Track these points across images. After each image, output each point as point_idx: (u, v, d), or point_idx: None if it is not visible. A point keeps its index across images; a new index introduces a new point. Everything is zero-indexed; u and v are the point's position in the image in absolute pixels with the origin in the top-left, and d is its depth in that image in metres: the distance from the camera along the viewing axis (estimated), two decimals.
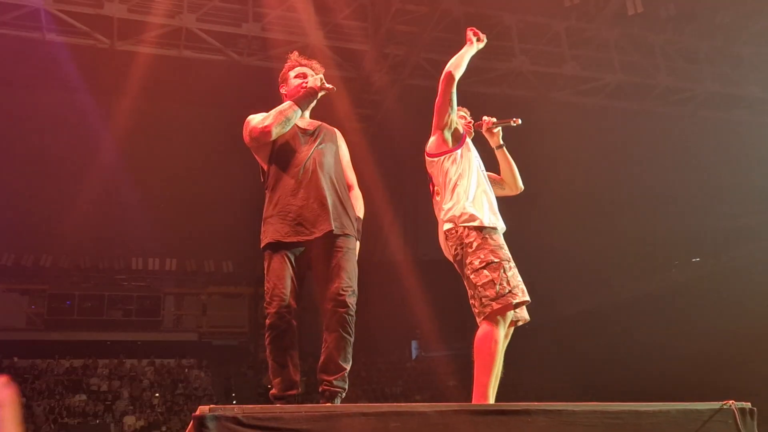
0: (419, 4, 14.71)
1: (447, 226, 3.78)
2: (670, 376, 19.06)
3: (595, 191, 20.65)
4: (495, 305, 3.50)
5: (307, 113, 3.94)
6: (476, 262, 3.60)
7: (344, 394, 3.44)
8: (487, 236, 3.67)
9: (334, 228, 3.48)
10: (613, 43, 17.34)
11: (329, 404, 3.34)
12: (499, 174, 4.31)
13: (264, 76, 16.13)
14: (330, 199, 3.56)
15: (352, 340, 3.42)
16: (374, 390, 23.64)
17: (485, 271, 3.56)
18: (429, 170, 4.00)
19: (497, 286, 3.52)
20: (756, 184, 19.06)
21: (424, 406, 2.60)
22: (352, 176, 3.92)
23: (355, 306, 3.44)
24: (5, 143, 18.58)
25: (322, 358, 3.48)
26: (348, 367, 3.43)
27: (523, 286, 3.62)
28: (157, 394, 22.52)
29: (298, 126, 3.81)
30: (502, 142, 4.25)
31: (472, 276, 3.59)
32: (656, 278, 23.37)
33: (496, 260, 3.60)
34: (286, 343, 3.46)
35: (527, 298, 3.59)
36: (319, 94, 3.85)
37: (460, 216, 3.73)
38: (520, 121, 4.18)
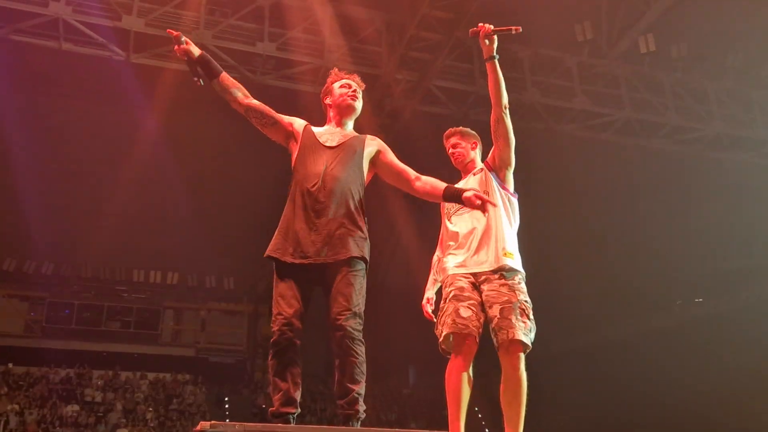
0: (434, 32, 14.85)
1: None
2: (677, 411, 18.98)
3: (600, 226, 20.63)
4: (440, 347, 3.76)
5: (349, 125, 4.00)
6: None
7: (362, 416, 3.43)
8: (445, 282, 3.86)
9: (326, 259, 3.48)
10: (624, 80, 17.46)
11: (330, 426, 3.34)
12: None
13: (277, 95, 16.29)
14: (330, 226, 3.52)
15: (358, 360, 3.40)
16: (369, 416, 23.30)
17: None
18: None
19: (437, 330, 3.76)
20: (762, 226, 19.04)
21: None
22: (406, 169, 3.90)
23: (357, 327, 3.41)
24: (16, 149, 18.68)
25: (335, 383, 3.50)
26: (357, 387, 3.41)
27: (452, 316, 3.66)
28: (150, 409, 22.37)
29: (321, 142, 3.78)
30: (495, 54, 3.85)
31: None
32: (662, 315, 23.31)
33: (443, 304, 3.77)
34: (287, 361, 3.47)
35: (455, 329, 3.63)
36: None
37: None
38: (520, 29, 3.82)
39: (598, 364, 23.23)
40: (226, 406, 23.87)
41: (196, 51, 4.06)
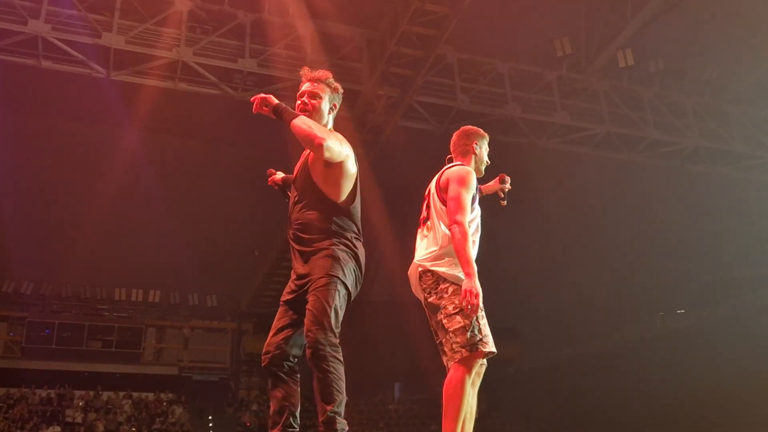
0: (414, 48, 14.92)
1: (425, 266, 3.71)
2: (655, 422, 19.03)
3: (582, 239, 20.75)
4: (465, 352, 3.47)
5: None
6: (450, 307, 3.55)
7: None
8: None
9: (298, 295, 3.57)
10: (603, 95, 17.63)
11: None
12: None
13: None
14: (306, 268, 3.58)
15: (330, 377, 3.37)
16: None
17: (458, 317, 3.51)
18: (430, 205, 3.85)
19: (468, 333, 3.48)
20: (740, 238, 19.23)
21: None
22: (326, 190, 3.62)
23: (325, 341, 3.38)
24: None
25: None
26: (331, 406, 3.38)
27: (488, 332, 3.56)
28: (133, 429, 22.10)
29: (293, 178, 3.81)
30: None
31: (444, 320, 3.54)
32: (642, 327, 23.43)
33: (482, 312, 3.55)
34: (272, 385, 3.60)
35: (495, 350, 3.53)
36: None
37: (443, 261, 3.68)
38: None
39: (581, 375, 23.29)
40: (210, 424, 23.64)
41: (280, 176, 4.05)
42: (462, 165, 3.89)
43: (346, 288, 3.53)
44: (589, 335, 24.12)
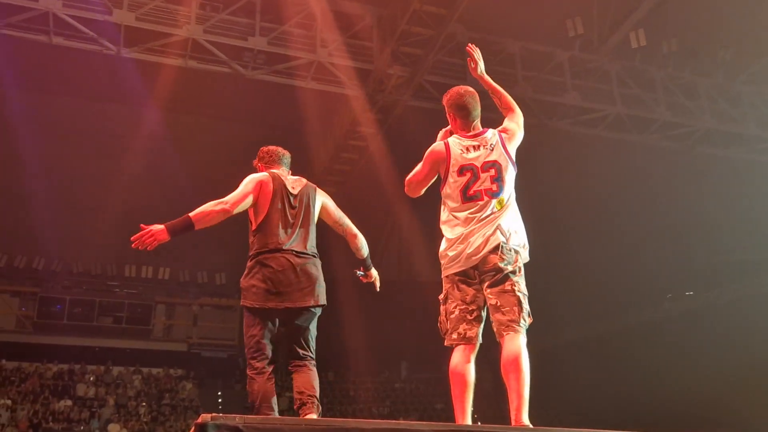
0: (425, 27, 14.83)
1: (509, 241, 3.83)
2: (662, 405, 19.09)
3: (591, 220, 20.72)
4: (524, 332, 3.74)
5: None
6: (524, 289, 3.83)
7: None
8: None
9: None
10: (615, 75, 17.51)
11: (328, 418, 3.45)
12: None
13: (268, 90, 16.29)
14: None
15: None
16: (362, 410, 23.52)
17: (527, 301, 3.81)
18: (502, 178, 3.97)
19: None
20: (751, 220, 19.15)
21: (421, 424, 2.62)
22: None
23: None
24: (4, 145, 18.61)
25: None
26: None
27: None
28: (143, 404, 22.37)
29: None
30: None
31: (519, 295, 3.77)
32: (650, 309, 23.44)
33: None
34: None
35: None
36: None
37: (525, 243, 3.95)
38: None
39: (590, 357, 23.38)
40: (219, 400, 23.90)
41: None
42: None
43: (247, 308, 4.37)
44: (596, 317, 24.16)
